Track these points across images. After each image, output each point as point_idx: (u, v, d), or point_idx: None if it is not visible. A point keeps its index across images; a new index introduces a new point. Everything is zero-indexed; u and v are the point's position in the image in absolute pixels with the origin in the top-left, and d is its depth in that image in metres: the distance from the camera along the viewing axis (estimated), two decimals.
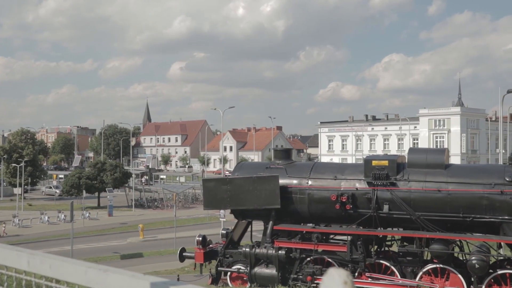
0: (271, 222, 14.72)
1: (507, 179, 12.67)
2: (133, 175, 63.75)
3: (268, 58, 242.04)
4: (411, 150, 14.55)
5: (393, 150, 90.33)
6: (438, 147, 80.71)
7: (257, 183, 14.56)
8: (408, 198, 13.43)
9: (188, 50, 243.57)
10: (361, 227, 14.19)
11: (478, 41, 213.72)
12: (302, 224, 15.28)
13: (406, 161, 14.16)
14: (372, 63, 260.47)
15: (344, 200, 13.84)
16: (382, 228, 14.16)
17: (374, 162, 13.88)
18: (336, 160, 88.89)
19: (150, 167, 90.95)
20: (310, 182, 14.56)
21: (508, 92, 27.62)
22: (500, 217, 12.68)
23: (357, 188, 13.99)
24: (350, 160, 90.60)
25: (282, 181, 14.57)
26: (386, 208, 13.59)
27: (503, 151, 70.35)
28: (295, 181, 14.74)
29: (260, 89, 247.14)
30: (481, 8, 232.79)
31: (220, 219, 39.40)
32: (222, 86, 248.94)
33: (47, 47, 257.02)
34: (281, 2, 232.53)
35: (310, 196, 14.45)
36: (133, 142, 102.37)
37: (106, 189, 52.60)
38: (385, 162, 13.78)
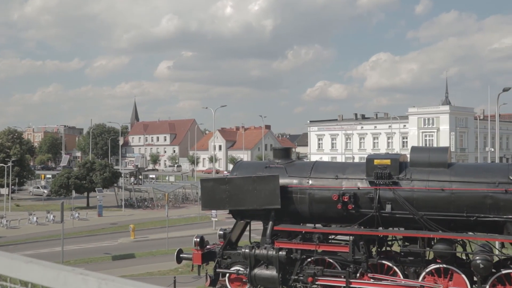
0: (271, 222, 14.45)
1: (511, 178, 12.54)
2: (123, 175, 63.21)
3: (256, 57, 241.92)
4: (413, 149, 14.36)
5: (382, 148, 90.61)
6: (428, 145, 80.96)
7: (257, 183, 14.28)
8: (411, 198, 13.24)
9: (176, 49, 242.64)
10: (362, 227, 13.99)
11: (464, 41, 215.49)
12: (301, 224, 15.06)
13: (408, 160, 13.97)
14: (359, 62, 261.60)
15: (346, 199, 13.61)
16: (383, 228, 13.96)
17: (376, 161, 13.66)
18: (326, 158, 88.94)
19: (139, 166, 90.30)
20: (310, 182, 14.31)
21: (504, 90, 27.61)
22: (505, 216, 12.53)
23: (359, 188, 13.76)
24: (340, 158, 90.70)
25: (282, 181, 14.30)
26: (388, 207, 13.39)
27: (492, 149, 70.77)
28: (295, 181, 14.48)
29: (248, 88, 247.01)
30: (467, 7, 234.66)
31: (212, 218, 39.10)
32: (210, 85, 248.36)
33: (33, 46, 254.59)
34: (269, 1, 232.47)
35: (311, 196, 14.20)
36: (121, 141, 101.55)
37: (96, 189, 52.02)
38: (387, 161, 13.57)
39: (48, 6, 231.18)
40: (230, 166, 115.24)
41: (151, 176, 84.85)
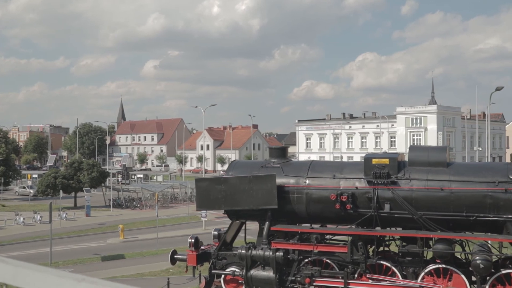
0: (267, 222, 14.21)
1: (511, 177, 12.44)
2: (110, 174, 62.64)
3: (243, 57, 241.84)
4: (412, 148, 14.21)
5: (370, 148, 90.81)
6: (415, 145, 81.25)
7: (253, 182, 14.03)
8: (410, 197, 13.09)
9: (162, 48, 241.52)
10: (359, 227, 13.81)
11: (449, 41, 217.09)
12: (297, 224, 14.86)
13: (407, 159, 13.82)
14: (346, 62, 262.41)
15: (344, 199, 13.42)
16: (381, 228, 13.80)
17: (374, 161, 13.49)
18: (314, 158, 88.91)
19: (126, 166, 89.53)
20: (308, 181, 14.10)
21: (497, 89, 27.64)
22: (504, 216, 12.44)
23: (357, 187, 13.57)
24: (328, 158, 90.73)
25: (278, 181, 14.06)
26: (387, 207, 13.22)
27: (480, 149, 71.28)
28: (292, 180, 14.26)
29: (235, 88, 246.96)
30: (452, 8, 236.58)
31: (202, 218, 38.77)
32: (196, 84, 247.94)
33: (18, 44, 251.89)
34: (256, 1, 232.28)
35: (308, 196, 13.98)
36: (108, 140, 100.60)
37: (84, 188, 51.39)
38: (386, 161, 13.40)
39: (33, 4, 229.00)
40: (218, 166, 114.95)
41: (138, 175, 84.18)
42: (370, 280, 13.22)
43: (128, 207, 54.86)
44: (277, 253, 13.73)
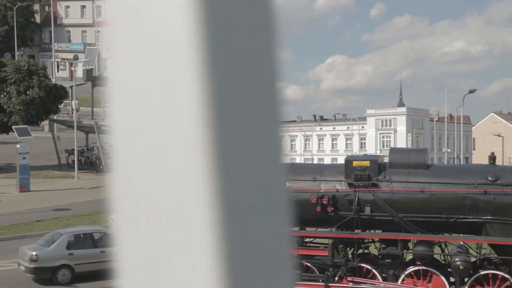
0: None
1: (490, 179, 12.58)
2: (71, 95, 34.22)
3: None
4: (392, 150, 14.29)
5: (341, 149, 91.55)
6: (385, 147, 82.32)
7: None
8: (390, 199, 13.10)
9: None
10: (340, 230, 13.76)
11: (417, 44, 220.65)
12: None
13: (387, 161, 13.86)
14: (315, 64, 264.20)
15: (324, 202, 13.34)
16: (361, 230, 13.79)
17: (355, 163, 13.48)
18: (284, 160, 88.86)
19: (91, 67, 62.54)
20: (287, 184, 13.96)
21: (470, 92, 28.16)
22: (483, 217, 12.57)
23: (337, 190, 13.52)
24: (298, 160, 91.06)
25: None
26: (368, 210, 13.21)
27: (448, 150, 72.60)
28: None
29: None
30: (419, 12, 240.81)
31: None
32: None
33: None
34: None
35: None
36: (39, 16, 63.13)
37: (13, 127, 29.12)
38: (367, 163, 13.40)
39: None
40: None
41: None
42: (350, 283, 13.17)
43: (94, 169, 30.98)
44: None
